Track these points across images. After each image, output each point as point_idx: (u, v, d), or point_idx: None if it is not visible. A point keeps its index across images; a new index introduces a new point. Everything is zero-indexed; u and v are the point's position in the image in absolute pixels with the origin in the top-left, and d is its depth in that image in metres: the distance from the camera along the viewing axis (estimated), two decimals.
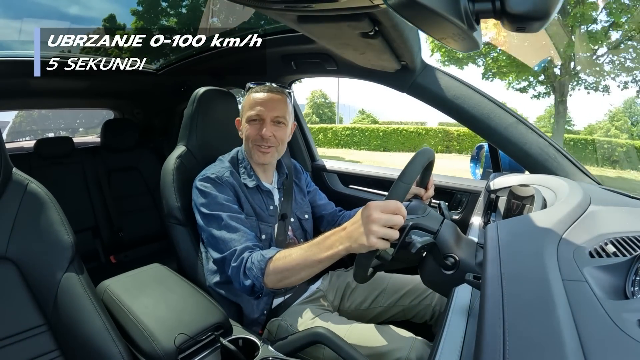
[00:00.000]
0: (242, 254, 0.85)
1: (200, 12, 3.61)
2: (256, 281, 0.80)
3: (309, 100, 30.54)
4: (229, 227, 0.90)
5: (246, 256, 0.84)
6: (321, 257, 0.73)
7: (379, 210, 0.64)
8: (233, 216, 0.92)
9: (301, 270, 0.76)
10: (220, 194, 0.95)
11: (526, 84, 13.99)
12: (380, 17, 0.74)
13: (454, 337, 0.52)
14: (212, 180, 0.98)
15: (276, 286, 0.81)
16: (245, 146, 1.05)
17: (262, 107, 1.00)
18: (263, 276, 0.80)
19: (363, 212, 0.66)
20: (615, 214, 0.61)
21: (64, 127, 11.42)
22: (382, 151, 15.58)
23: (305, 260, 0.75)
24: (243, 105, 1.05)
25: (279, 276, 0.79)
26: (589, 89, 13.68)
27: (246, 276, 0.83)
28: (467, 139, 14.64)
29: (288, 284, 0.81)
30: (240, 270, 0.84)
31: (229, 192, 0.98)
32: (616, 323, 0.33)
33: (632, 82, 12.61)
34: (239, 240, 0.88)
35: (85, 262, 0.82)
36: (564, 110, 13.93)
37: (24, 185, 0.78)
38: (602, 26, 11.09)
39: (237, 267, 0.85)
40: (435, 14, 0.33)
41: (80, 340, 0.70)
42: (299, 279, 0.79)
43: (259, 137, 1.00)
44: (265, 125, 0.99)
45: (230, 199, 0.96)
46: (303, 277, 0.78)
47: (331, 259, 0.73)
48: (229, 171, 1.02)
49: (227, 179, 1.00)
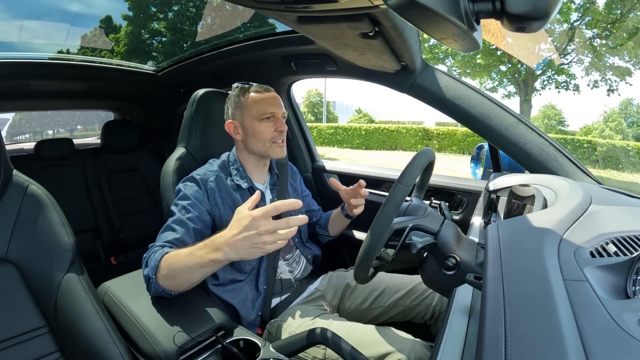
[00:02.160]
0: (155, 247, 0.84)
1: (185, 17, 3.61)
2: (151, 273, 0.78)
3: (304, 99, 30.76)
4: (169, 228, 0.89)
5: (155, 249, 0.83)
6: (204, 261, 0.70)
7: (260, 214, 0.63)
8: (182, 220, 0.90)
9: (185, 271, 0.74)
10: (192, 197, 0.95)
11: (496, 84, 14.49)
12: (380, 17, 0.74)
13: (455, 338, 0.52)
14: (194, 180, 0.98)
15: (165, 285, 0.78)
16: (255, 146, 1.03)
17: (272, 104, 1.02)
18: (156, 269, 0.78)
19: (241, 223, 0.64)
20: (616, 213, 0.61)
21: (62, 125, 11.44)
22: (363, 149, 15.80)
23: (189, 262, 0.73)
24: (245, 106, 1.02)
25: (166, 273, 0.76)
26: (560, 88, 14.11)
27: (146, 266, 0.81)
28: (447, 138, 14.94)
29: (175, 286, 0.78)
30: (145, 259, 0.83)
31: (204, 198, 0.97)
32: (617, 322, 0.33)
33: (602, 81, 12.96)
34: (166, 238, 0.87)
35: (85, 264, 0.82)
36: (528, 109, 14.39)
37: (24, 187, 0.78)
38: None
39: (145, 257, 0.83)
40: (435, 14, 0.33)
41: (81, 342, 0.70)
42: (182, 283, 0.77)
43: (277, 133, 1.02)
44: (279, 120, 1.03)
45: (198, 206, 0.94)
46: (185, 282, 0.77)
47: (214, 268, 0.73)
48: (214, 176, 1.01)
49: (211, 184, 0.99)
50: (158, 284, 0.78)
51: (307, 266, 1.18)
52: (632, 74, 13.19)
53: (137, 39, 3.61)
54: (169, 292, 0.79)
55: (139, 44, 3.75)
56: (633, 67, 13.06)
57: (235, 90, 1.06)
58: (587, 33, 12.85)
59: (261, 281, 1.02)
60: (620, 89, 20.58)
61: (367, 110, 30.15)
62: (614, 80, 13.71)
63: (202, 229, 0.93)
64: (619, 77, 13.44)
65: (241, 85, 1.05)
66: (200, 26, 3.05)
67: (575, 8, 12.33)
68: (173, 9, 3.88)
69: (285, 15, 0.74)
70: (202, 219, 0.93)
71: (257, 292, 1.02)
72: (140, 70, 2.10)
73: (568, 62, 13.83)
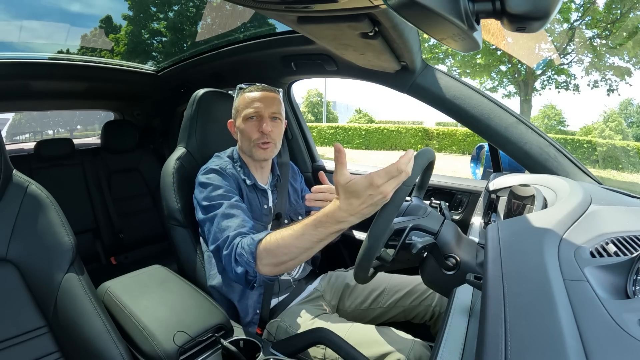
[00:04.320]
0: (233, 239, 0.81)
1: (186, 16, 3.61)
2: (248, 267, 0.75)
3: (304, 99, 30.81)
4: (227, 215, 0.87)
5: (237, 242, 0.80)
6: (324, 236, 0.68)
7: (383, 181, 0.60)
8: (234, 204, 0.89)
9: (298, 249, 0.71)
10: (224, 183, 0.95)
11: (496, 84, 14.57)
12: (380, 17, 0.74)
13: (455, 338, 0.52)
14: (215, 171, 0.98)
15: (272, 272, 0.75)
16: (243, 145, 1.05)
17: (259, 103, 1.01)
18: (255, 260, 0.75)
19: (365, 193, 0.61)
20: (616, 213, 0.61)
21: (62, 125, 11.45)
22: (363, 149, 15.82)
23: (302, 237, 0.69)
24: (237, 106, 1.05)
25: (273, 259, 0.73)
26: (560, 88, 14.17)
27: (237, 263, 0.78)
28: (447, 138, 15.01)
29: (284, 269, 0.75)
30: (231, 257, 0.79)
31: (232, 183, 0.98)
32: (617, 322, 0.33)
33: (602, 81, 13.03)
34: (233, 227, 0.84)
35: (85, 264, 0.82)
36: (528, 109, 14.46)
37: (24, 187, 0.78)
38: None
39: (228, 255, 0.80)
40: (435, 14, 0.33)
41: (81, 342, 0.70)
42: (296, 261, 0.73)
43: (259, 134, 1.01)
44: (264, 121, 1.01)
45: (232, 189, 0.96)
46: (301, 259, 0.72)
47: (335, 237, 0.70)
48: (230, 164, 1.03)
49: (231, 170, 1.01)
50: (262, 275, 0.75)
51: (305, 266, 1.17)
52: (632, 74, 13.25)
53: (137, 39, 3.61)
54: (274, 278, 0.77)
55: (139, 44, 3.76)
56: (633, 67, 13.12)
57: (236, 90, 1.08)
58: (587, 33, 12.89)
59: None
60: (620, 89, 20.62)
61: (367, 110, 30.23)
62: (614, 80, 13.78)
63: (245, 209, 0.93)
64: (619, 77, 13.48)
65: (241, 85, 1.07)
66: (200, 26, 3.05)
67: (575, 8, 12.36)
68: (173, 9, 3.89)
69: (285, 15, 0.74)
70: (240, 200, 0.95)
71: (255, 290, 1.02)
72: (140, 70, 2.10)
73: (568, 62, 13.92)
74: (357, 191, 0.62)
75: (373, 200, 0.62)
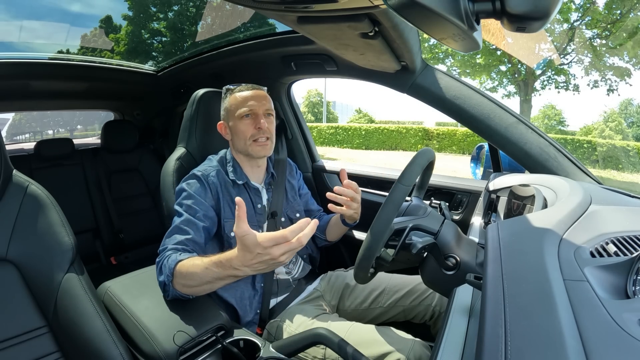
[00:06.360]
0: (168, 251, 0.85)
1: (186, 16, 3.61)
2: (167, 280, 0.80)
3: (304, 99, 30.83)
4: (179, 229, 0.90)
5: (168, 254, 0.84)
6: (222, 276, 0.73)
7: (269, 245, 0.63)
8: (191, 220, 0.91)
9: (201, 280, 0.75)
10: (198, 193, 0.96)
11: (496, 84, 14.59)
12: (380, 17, 0.74)
13: (455, 338, 0.52)
14: (197, 177, 0.99)
15: (182, 291, 0.79)
16: (238, 145, 1.05)
17: (253, 101, 1.02)
18: (172, 277, 0.79)
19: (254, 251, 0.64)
20: (616, 213, 0.61)
21: (62, 125, 11.44)
22: (363, 149, 15.82)
23: (206, 270, 0.74)
24: (228, 106, 1.05)
25: (183, 281, 0.78)
26: (560, 88, 14.19)
27: (161, 272, 0.82)
28: (447, 138, 15.02)
29: (194, 292, 0.80)
30: (158, 265, 0.84)
31: (208, 194, 0.98)
32: (617, 322, 0.33)
33: (602, 81, 13.05)
34: (176, 241, 0.87)
35: (85, 264, 0.82)
36: (528, 109, 14.48)
37: (24, 187, 0.78)
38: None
39: (158, 262, 0.85)
40: (435, 14, 0.33)
41: (81, 342, 0.70)
42: (203, 289, 0.78)
43: (256, 131, 1.01)
44: (260, 118, 1.02)
45: (203, 201, 0.96)
46: (204, 288, 0.78)
47: (233, 280, 0.75)
48: (215, 170, 1.03)
49: (212, 178, 1.00)
50: (175, 290, 0.80)
51: (305, 266, 1.17)
52: (631, 74, 13.24)
53: (137, 39, 3.61)
54: (186, 297, 0.81)
55: (139, 44, 3.75)
56: (633, 67, 13.12)
57: (224, 91, 1.08)
58: (587, 33, 12.89)
59: (258, 279, 1.03)
60: (620, 89, 20.64)
61: (367, 110, 30.26)
62: (614, 80, 13.77)
63: (209, 227, 0.94)
64: (619, 77, 13.48)
65: (228, 86, 1.07)
66: (200, 26, 3.05)
67: (575, 8, 12.36)
68: (173, 9, 3.88)
69: (285, 15, 0.74)
70: (209, 216, 0.95)
71: (254, 290, 1.02)
72: (140, 70, 2.10)
73: (568, 62, 13.92)
74: (249, 246, 0.64)
75: (262, 259, 0.65)
